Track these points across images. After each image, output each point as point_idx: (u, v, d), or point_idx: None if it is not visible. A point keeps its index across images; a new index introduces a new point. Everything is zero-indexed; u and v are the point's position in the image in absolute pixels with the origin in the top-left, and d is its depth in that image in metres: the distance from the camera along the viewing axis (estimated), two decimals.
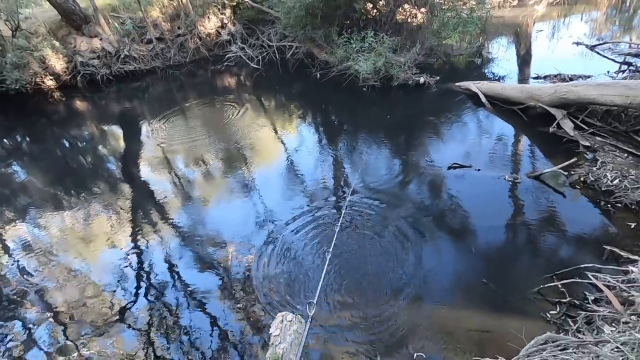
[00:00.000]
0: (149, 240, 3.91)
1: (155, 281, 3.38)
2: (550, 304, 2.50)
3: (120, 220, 4.33)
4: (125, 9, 10.65)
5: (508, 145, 4.58)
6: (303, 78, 8.03)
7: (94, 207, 4.62)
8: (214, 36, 10.89)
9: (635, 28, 7.92)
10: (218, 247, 3.62)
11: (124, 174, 5.48)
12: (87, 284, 3.46)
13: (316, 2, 7.25)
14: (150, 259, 3.66)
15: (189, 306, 3.06)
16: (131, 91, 9.34)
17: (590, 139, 4.02)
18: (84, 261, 3.77)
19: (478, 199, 3.69)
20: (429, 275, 2.90)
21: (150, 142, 6.24)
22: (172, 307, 3.07)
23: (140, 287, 3.36)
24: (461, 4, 7.47)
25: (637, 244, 2.79)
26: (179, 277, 3.39)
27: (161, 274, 3.45)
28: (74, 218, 4.48)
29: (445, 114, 5.46)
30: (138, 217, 4.35)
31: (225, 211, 4.23)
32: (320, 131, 5.90)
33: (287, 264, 3.24)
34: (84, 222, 4.38)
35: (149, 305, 3.13)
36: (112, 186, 5.13)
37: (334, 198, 4.05)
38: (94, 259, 3.83)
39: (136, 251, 3.79)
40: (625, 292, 2.33)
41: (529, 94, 4.81)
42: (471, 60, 7.37)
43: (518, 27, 9.29)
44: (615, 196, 3.26)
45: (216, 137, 6.05)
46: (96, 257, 3.84)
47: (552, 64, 6.10)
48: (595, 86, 4.15)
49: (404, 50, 7.03)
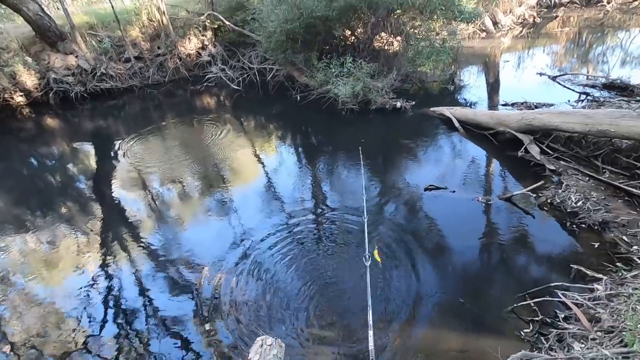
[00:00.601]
0: (118, 263, 3.75)
1: (125, 306, 3.22)
2: (524, 323, 2.56)
3: (88, 242, 4.13)
4: (103, 27, 10.58)
5: (480, 168, 4.77)
6: (283, 100, 8.15)
7: (60, 229, 4.40)
8: (194, 57, 10.95)
9: (591, 61, 8.58)
10: (192, 270, 3.50)
11: (94, 194, 5.27)
12: (50, 311, 3.25)
13: (297, 27, 7.47)
14: (120, 283, 3.49)
15: (159, 332, 2.91)
16: (106, 109, 9.15)
17: (555, 163, 4.26)
18: (46, 287, 3.55)
19: (453, 220, 3.78)
20: (405, 296, 2.91)
21: (124, 161, 6.08)
22: (141, 334, 2.92)
23: (107, 313, 3.18)
24: (434, 34, 7.91)
25: (600, 263, 2.92)
26: (149, 301, 3.24)
27: (131, 299, 3.29)
28: (38, 240, 4.24)
29: (421, 137, 5.65)
30: (108, 239, 4.17)
31: (201, 232, 4.13)
32: (300, 152, 5.94)
33: (262, 285, 3.18)
34: (49, 245, 4.15)
35: (116, 333, 2.96)
36: (80, 207, 4.92)
37: (312, 217, 4.04)
38: (58, 284, 3.61)
39: (104, 275, 3.61)
40: (592, 309, 2.42)
41: (498, 120, 5.07)
42: (444, 87, 7.74)
43: (487, 57, 9.89)
44: (580, 217, 3.44)
45: (193, 156, 5.98)
46: (60, 282, 3.62)
47: (518, 93, 6.50)
48: (557, 114, 4.44)
49: (381, 76, 7.30)
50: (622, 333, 2.09)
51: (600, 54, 9.18)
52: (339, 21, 7.64)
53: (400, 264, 3.23)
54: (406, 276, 3.10)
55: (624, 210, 3.38)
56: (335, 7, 7.05)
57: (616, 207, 3.44)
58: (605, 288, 2.55)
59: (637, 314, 2.06)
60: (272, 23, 7.77)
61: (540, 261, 3.15)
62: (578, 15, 13.30)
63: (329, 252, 3.48)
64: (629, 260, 2.86)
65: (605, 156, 4.21)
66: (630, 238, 3.08)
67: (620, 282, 2.61)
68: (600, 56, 8.95)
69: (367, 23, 7.81)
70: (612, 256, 2.97)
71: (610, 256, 2.98)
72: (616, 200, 3.54)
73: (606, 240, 3.17)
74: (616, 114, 3.84)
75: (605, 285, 2.58)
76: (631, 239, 3.08)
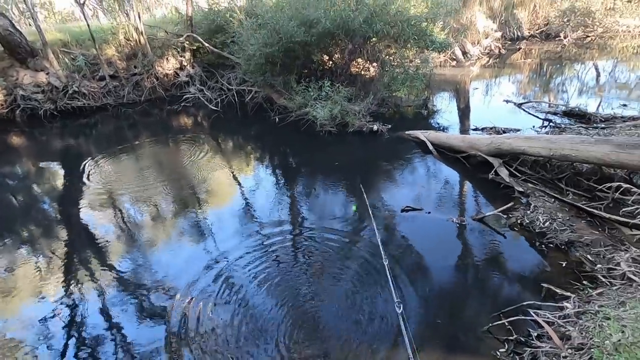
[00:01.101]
0: (83, 290, 3.53)
1: (88, 337, 3.01)
2: (499, 342, 2.59)
3: (51, 268, 3.88)
4: (78, 45, 10.41)
5: (454, 190, 4.92)
6: (261, 121, 8.19)
7: (20, 254, 4.13)
8: (171, 77, 10.91)
9: (552, 90, 9.21)
10: (163, 296, 3.34)
11: (59, 216, 5.01)
12: (3, 344, 2.99)
13: (276, 51, 7.63)
14: (84, 312, 3.27)
15: None
16: (78, 127, 8.87)
17: (523, 185, 4.46)
18: (0, 318, 3.28)
19: (429, 240, 3.85)
20: (384, 317, 2.89)
21: (93, 180, 5.86)
22: None
23: (68, 345, 2.96)
24: (408, 61, 8.29)
25: (568, 281, 3.04)
26: (116, 331, 3.05)
27: (95, 329, 3.08)
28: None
29: (397, 159, 5.80)
30: (73, 264, 3.94)
31: (173, 256, 3.97)
32: (278, 173, 5.94)
33: (237, 313, 3.07)
34: (6, 272, 3.87)
35: None
36: (44, 230, 4.65)
37: (289, 238, 4.00)
38: (13, 313, 3.35)
39: (67, 303, 3.38)
40: (563, 327, 2.49)
41: (469, 144, 5.30)
42: (418, 112, 8.04)
43: (457, 84, 10.42)
44: (547, 237, 3.59)
45: (167, 176, 5.85)
46: (17, 311, 3.36)
47: (487, 118, 6.85)
48: (524, 139, 4.70)
49: (358, 100, 7.52)
50: (590, 350, 2.16)
51: (560, 83, 9.89)
52: (318, 46, 7.89)
53: (376, 285, 3.22)
54: (382, 298, 3.09)
55: (587, 230, 3.56)
56: (314, 33, 7.29)
57: (580, 227, 3.62)
58: (573, 306, 2.64)
59: (603, 331, 2.14)
60: (252, 46, 7.91)
61: (513, 280, 3.23)
62: (539, 48, 14.36)
63: (306, 274, 3.44)
64: (594, 278, 2.99)
65: (568, 179, 4.46)
66: (593, 257, 3.24)
67: (587, 299, 2.71)
68: (560, 85, 9.64)
69: (344, 49, 8.10)
70: (578, 274, 3.10)
71: (576, 274, 3.11)
72: (580, 220, 3.73)
73: (572, 259, 3.31)
74: (576, 140, 4.10)
75: (574, 303, 2.68)
76: (595, 257, 3.23)
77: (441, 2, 8.94)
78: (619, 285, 2.79)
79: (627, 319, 2.12)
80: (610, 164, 3.86)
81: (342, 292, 3.18)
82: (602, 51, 12.82)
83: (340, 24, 7.14)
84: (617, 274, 2.92)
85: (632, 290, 2.62)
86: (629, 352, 1.77)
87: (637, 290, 2.57)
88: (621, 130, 5.43)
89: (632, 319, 2.09)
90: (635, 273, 2.83)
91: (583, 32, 14.71)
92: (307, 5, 7.52)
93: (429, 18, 7.69)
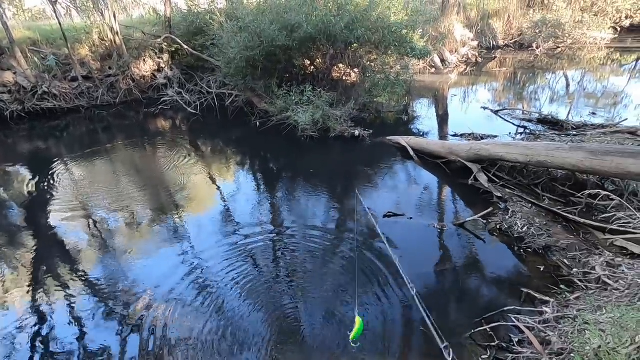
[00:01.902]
0: (51, 300, 3.31)
1: (56, 349, 2.81)
2: (482, 348, 2.59)
3: (16, 278, 3.63)
4: (48, 44, 9.97)
5: (435, 195, 4.96)
6: (242, 125, 8.06)
7: None
8: (149, 79, 10.61)
9: (526, 98, 9.53)
10: (135, 305, 3.18)
11: (25, 223, 4.72)
12: None
13: (257, 55, 7.55)
14: (52, 323, 3.07)
15: None
16: (48, 130, 8.46)
17: (501, 190, 4.54)
18: None
19: (411, 246, 3.84)
20: (367, 326, 2.85)
21: (62, 185, 5.57)
22: None
23: (34, 357, 2.76)
24: (389, 68, 8.38)
25: (546, 285, 3.09)
26: (85, 343, 2.86)
27: (63, 341, 2.89)
28: None
29: (379, 165, 5.81)
30: (40, 273, 3.70)
31: (147, 262, 3.79)
32: (258, 178, 5.83)
33: (214, 319, 2.95)
34: None
35: None
36: (8, 237, 4.37)
37: (269, 244, 3.91)
38: None
39: (34, 314, 3.16)
40: (543, 332, 2.52)
41: (449, 150, 5.37)
42: (399, 117, 8.13)
43: (436, 91, 10.62)
44: (526, 242, 3.65)
45: (142, 180, 5.63)
46: None
47: (465, 124, 6.99)
48: (502, 145, 4.81)
49: (340, 105, 7.52)
50: (570, 355, 2.18)
51: (533, 91, 10.25)
52: (299, 51, 7.85)
53: (359, 293, 3.17)
54: (366, 307, 3.04)
55: (563, 235, 3.64)
56: (295, 37, 7.25)
57: (556, 232, 3.71)
58: (552, 311, 2.68)
59: (583, 336, 2.17)
60: (233, 49, 7.79)
61: (494, 285, 3.26)
62: (513, 57, 14.88)
63: (286, 282, 3.35)
64: (571, 282, 3.05)
65: (545, 184, 4.58)
66: (570, 261, 3.31)
67: (566, 304, 2.76)
68: (533, 94, 9.99)
69: (326, 54, 8.10)
70: (556, 279, 3.16)
71: (554, 279, 3.17)
72: (556, 225, 3.82)
73: (550, 263, 3.37)
74: (552, 147, 4.22)
75: (553, 308, 2.71)
76: (571, 262, 3.30)
77: (421, 11, 9.12)
78: (595, 289, 2.85)
79: (605, 324, 2.16)
80: (584, 171, 3.99)
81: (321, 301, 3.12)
82: (572, 61, 13.41)
83: (322, 29, 7.14)
84: (592, 278, 3.00)
85: (607, 294, 2.68)
86: (609, 358, 1.79)
87: (612, 294, 2.63)
88: (592, 138, 5.65)
89: (610, 323, 2.13)
90: (609, 277, 2.91)
91: (554, 43, 15.36)
92: (289, 10, 7.49)
93: (409, 25, 7.81)
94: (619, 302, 2.46)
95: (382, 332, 2.81)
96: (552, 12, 16.04)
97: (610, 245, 3.41)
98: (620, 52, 14.09)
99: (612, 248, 3.37)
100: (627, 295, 2.53)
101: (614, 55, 13.81)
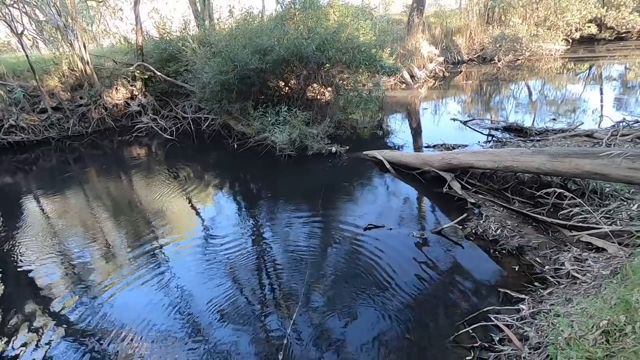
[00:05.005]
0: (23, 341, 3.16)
1: None
2: (466, 350, 2.66)
3: None
4: (15, 76, 9.77)
5: (412, 205, 5.11)
6: (220, 148, 8.07)
7: None
8: (122, 107, 10.51)
9: (492, 108, 10.03)
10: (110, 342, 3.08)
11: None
12: None
13: (231, 79, 7.67)
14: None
15: None
16: (15, 164, 8.20)
17: (474, 196, 4.74)
18: None
19: (393, 256, 3.91)
20: (351, 339, 2.87)
21: (34, 218, 5.37)
22: None
23: None
24: (361, 85, 8.67)
25: (522, 284, 3.22)
26: None
27: None
28: None
29: (357, 179, 5.94)
30: (9, 314, 3.53)
31: (124, 296, 3.68)
32: (238, 200, 5.82)
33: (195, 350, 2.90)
34: None
35: None
36: None
37: (253, 268, 3.90)
38: None
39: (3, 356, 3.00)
40: (521, 328, 2.62)
41: (423, 161, 5.57)
42: (374, 132, 8.37)
43: (408, 105, 11.02)
44: (500, 244, 3.81)
45: (116, 210, 5.52)
46: None
47: (437, 135, 7.28)
48: (471, 154, 5.04)
49: (316, 123, 7.68)
50: (547, 347, 2.28)
51: (499, 102, 10.81)
52: (273, 73, 8.03)
53: (344, 307, 3.20)
54: (349, 319, 3.07)
55: (534, 235, 3.83)
56: (268, 60, 7.43)
57: (528, 232, 3.89)
58: (528, 307, 2.80)
59: (556, 328, 2.27)
60: (206, 74, 7.88)
61: (473, 288, 3.37)
62: (477, 70, 15.69)
63: (262, 305, 3.35)
64: (544, 279, 3.20)
65: (513, 188, 4.82)
66: (541, 259, 3.48)
67: (540, 300, 2.88)
68: (499, 104, 10.54)
69: (299, 75, 8.31)
70: (530, 277, 3.30)
71: (529, 277, 3.31)
72: (527, 226, 4.01)
73: (524, 262, 3.53)
74: (516, 152, 4.47)
75: (528, 305, 2.83)
76: (542, 259, 3.47)
77: (388, 31, 9.57)
78: (565, 283, 3.00)
79: (575, 314, 2.28)
80: (547, 172, 4.23)
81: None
82: (531, 72, 14.28)
83: (294, 52, 7.36)
84: (562, 273, 3.15)
85: (577, 287, 2.83)
86: (578, 345, 1.90)
87: (581, 287, 2.78)
88: (553, 142, 6.01)
89: (578, 314, 2.25)
90: (578, 271, 3.07)
91: (514, 55, 16.34)
92: (261, 34, 7.70)
93: (378, 45, 8.17)
94: (587, 293, 2.60)
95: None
96: (509, 27, 17.12)
97: (577, 241, 3.61)
98: (574, 62, 15.13)
99: (579, 244, 3.57)
100: (594, 287, 2.68)
101: (569, 64, 14.80)
